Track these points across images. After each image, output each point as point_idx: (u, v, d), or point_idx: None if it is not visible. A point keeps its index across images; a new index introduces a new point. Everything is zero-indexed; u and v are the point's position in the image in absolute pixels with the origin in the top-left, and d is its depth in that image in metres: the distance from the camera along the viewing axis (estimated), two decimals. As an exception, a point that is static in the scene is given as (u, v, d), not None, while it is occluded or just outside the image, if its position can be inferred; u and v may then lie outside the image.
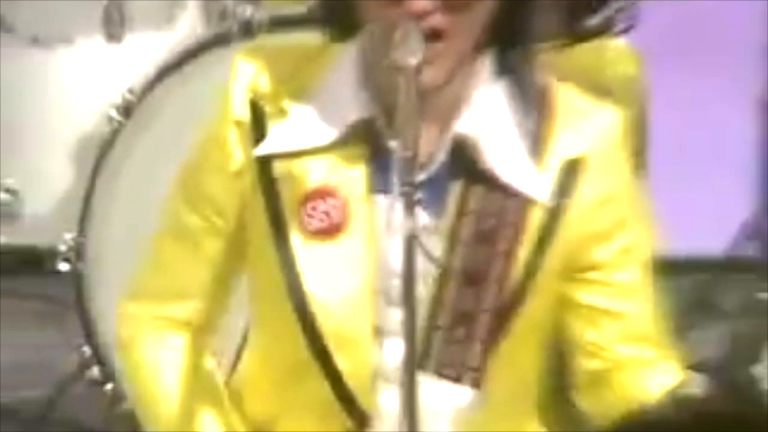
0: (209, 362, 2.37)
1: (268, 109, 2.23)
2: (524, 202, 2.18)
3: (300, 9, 3.57)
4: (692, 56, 5.64)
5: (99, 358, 3.98)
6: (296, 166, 2.21)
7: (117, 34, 4.14)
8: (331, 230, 2.19)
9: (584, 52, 3.48)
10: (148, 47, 4.16)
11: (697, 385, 2.16)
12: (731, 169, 5.66)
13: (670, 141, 4.57)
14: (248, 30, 3.75)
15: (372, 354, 2.21)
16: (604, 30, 3.65)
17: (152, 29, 4.23)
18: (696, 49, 5.67)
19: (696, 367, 2.34)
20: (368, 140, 2.20)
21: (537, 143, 2.19)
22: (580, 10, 3.57)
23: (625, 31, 3.73)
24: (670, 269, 2.37)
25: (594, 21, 3.65)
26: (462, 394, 2.22)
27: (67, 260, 3.95)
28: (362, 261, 2.19)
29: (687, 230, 4.80)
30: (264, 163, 2.22)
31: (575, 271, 2.24)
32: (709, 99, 5.64)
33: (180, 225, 2.32)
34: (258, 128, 2.23)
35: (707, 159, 5.71)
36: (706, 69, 5.63)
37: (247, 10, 3.80)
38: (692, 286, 5.22)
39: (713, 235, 5.39)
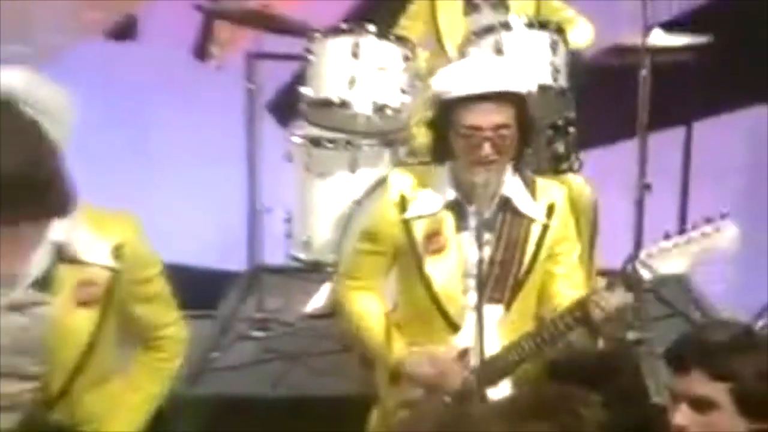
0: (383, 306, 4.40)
1: (407, 195, 4.25)
2: (531, 222, 4.28)
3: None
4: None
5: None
6: (422, 221, 4.24)
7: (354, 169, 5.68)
8: (439, 250, 4.24)
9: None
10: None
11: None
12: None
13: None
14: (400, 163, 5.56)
15: (460, 299, 4.24)
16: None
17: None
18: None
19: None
20: (455, 208, 4.24)
21: (534, 197, 4.29)
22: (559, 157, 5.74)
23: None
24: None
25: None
26: (500, 312, 4.24)
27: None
28: (453, 262, 4.25)
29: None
30: (406, 221, 4.25)
31: (551, 256, 4.33)
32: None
33: (367, 247, 4.38)
34: (403, 205, 4.26)
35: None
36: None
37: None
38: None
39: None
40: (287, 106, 6.17)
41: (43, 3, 7.11)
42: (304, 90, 5.56)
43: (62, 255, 3.39)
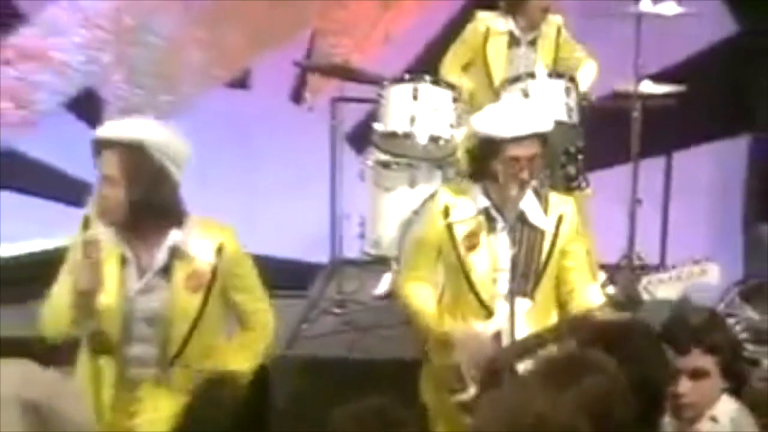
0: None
1: (449, 205, 4.17)
2: (544, 232, 4.18)
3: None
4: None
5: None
6: (461, 225, 4.16)
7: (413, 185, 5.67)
8: (474, 247, 4.14)
9: None
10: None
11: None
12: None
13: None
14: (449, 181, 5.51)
15: (494, 289, 4.15)
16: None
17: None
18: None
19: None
20: (486, 215, 4.15)
21: (546, 210, 4.19)
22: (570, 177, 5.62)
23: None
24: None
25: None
26: (527, 304, 4.13)
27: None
28: (486, 257, 4.14)
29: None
30: (449, 225, 4.16)
31: (564, 253, 4.20)
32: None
33: (420, 246, 4.32)
34: (446, 212, 4.17)
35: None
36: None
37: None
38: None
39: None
40: (362, 138, 6.13)
41: (184, 63, 7.10)
42: (376, 125, 5.61)
43: (177, 253, 3.53)
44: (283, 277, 6.15)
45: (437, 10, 6.88)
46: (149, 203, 3.46)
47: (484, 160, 4.16)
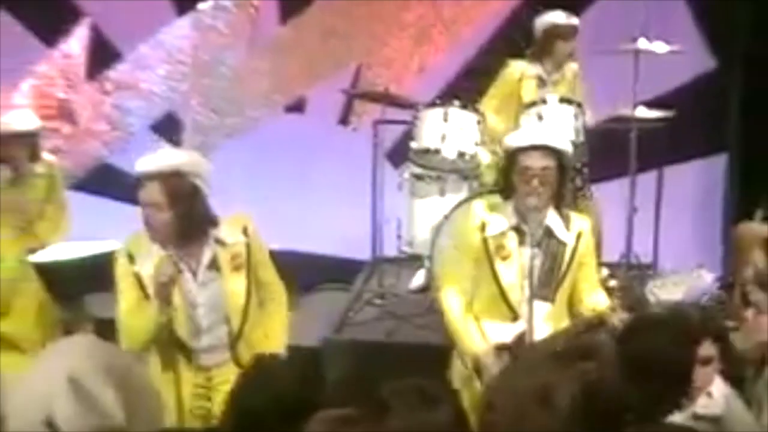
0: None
1: (483, 221, 3.93)
2: (564, 245, 3.95)
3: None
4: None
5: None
6: (495, 238, 3.92)
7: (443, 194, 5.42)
8: (505, 258, 3.90)
9: None
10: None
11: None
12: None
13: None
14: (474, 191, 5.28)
15: (521, 295, 3.90)
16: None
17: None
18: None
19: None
20: (517, 230, 3.91)
21: (567, 227, 3.95)
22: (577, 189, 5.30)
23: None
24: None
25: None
26: (546, 307, 3.92)
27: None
28: (515, 267, 3.91)
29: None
30: (485, 239, 3.92)
31: (580, 265, 3.96)
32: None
33: (457, 257, 4.04)
34: (482, 227, 3.92)
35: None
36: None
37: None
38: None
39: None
40: (399, 155, 5.88)
41: (249, 90, 6.89)
42: (411, 143, 5.39)
43: (218, 244, 3.47)
44: (331, 272, 6.05)
45: (465, 46, 6.64)
46: (190, 218, 3.38)
47: (507, 173, 3.93)
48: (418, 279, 5.59)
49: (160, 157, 3.45)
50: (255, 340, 3.51)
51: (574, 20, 5.58)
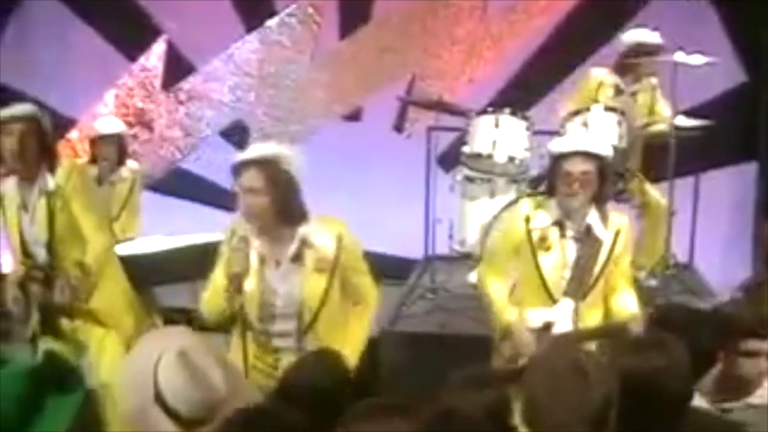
0: None
1: (528, 214, 3.81)
2: (602, 242, 3.78)
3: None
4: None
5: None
6: (539, 230, 3.76)
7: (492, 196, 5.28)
8: (547, 249, 3.76)
9: None
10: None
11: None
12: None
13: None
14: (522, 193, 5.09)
15: (561, 285, 3.78)
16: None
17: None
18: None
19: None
20: (559, 224, 3.78)
21: (606, 225, 3.79)
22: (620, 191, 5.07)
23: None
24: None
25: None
26: (571, 304, 3.76)
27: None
28: (556, 258, 3.77)
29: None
30: (529, 231, 3.78)
31: (614, 263, 3.78)
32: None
33: (502, 246, 3.94)
34: (527, 220, 3.80)
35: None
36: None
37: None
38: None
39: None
40: (449, 160, 5.75)
41: (310, 100, 6.82)
42: (464, 148, 5.25)
43: (306, 243, 3.32)
44: (386, 269, 5.90)
45: (512, 59, 6.52)
46: (285, 206, 3.26)
47: (551, 176, 3.82)
48: (473, 277, 5.45)
49: (261, 147, 3.36)
50: (334, 342, 3.33)
51: (657, 38, 5.40)
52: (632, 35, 5.44)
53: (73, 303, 3.95)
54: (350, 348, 3.34)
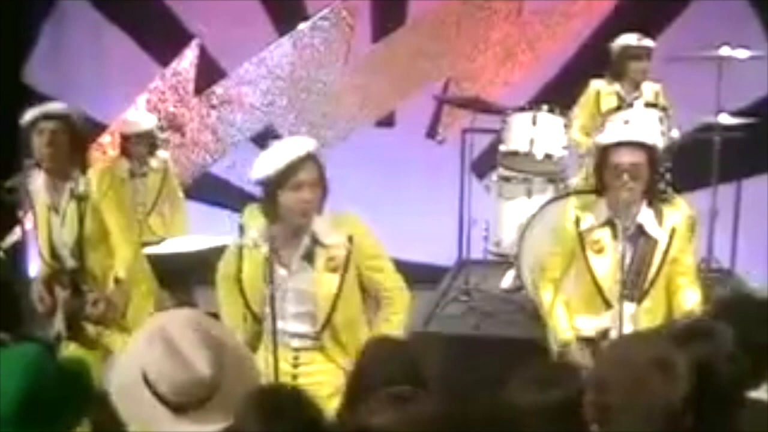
0: None
1: (578, 215, 3.67)
2: (657, 241, 3.60)
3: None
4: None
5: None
6: (589, 232, 3.62)
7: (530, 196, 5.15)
8: (600, 251, 3.61)
9: None
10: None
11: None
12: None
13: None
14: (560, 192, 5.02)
15: (616, 289, 3.55)
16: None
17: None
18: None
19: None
20: (610, 224, 3.62)
21: (660, 222, 3.62)
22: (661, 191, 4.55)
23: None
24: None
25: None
26: (632, 308, 3.58)
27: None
28: (609, 259, 3.60)
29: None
30: (580, 234, 3.64)
31: (674, 261, 3.61)
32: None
33: (556, 250, 3.75)
34: (577, 221, 3.66)
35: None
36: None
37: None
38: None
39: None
40: (483, 166, 5.66)
41: (342, 105, 6.72)
42: (501, 146, 5.10)
43: (317, 242, 3.16)
44: (419, 276, 5.74)
45: (548, 63, 6.39)
46: (325, 198, 3.13)
47: (599, 171, 3.62)
48: (508, 280, 5.33)
49: (304, 141, 3.20)
50: (353, 343, 3.17)
51: (647, 42, 5.34)
52: (620, 40, 5.37)
53: (108, 318, 3.82)
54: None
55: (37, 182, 3.89)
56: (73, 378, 2.23)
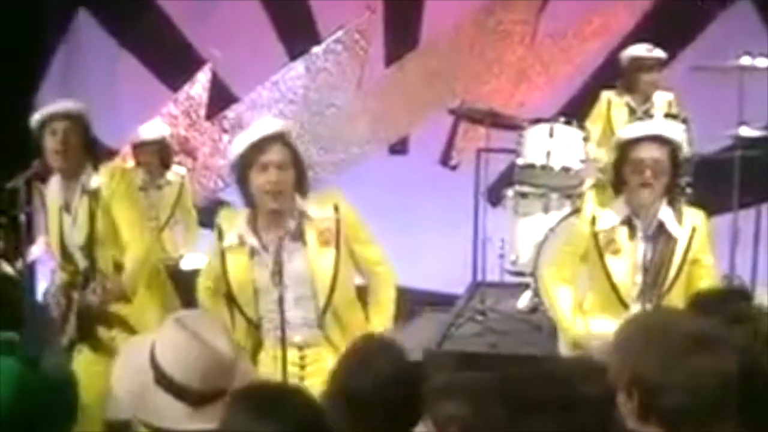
0: None
1: (595, 214, 3.52)
2: (677, 240, 3.46)
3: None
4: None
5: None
6: (606, 232, 3.47)
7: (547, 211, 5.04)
8: (616, 252, 3.45)
9: None
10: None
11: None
12: None
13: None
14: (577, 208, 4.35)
15: (633, 290, 3.45)
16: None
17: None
18: None
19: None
20: (627, 223, 3.46)
21: (680, 222, 3.47)
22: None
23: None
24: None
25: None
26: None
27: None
28: (626, 260, 3.45)
29: None
30: (595, 233, 3.48)
31: (694, 261, 3.47)
32: None
33: (568, 248, 3.62)
34: (593, 221, 3.50)
35: None
36: None
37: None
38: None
39: None
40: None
41: (355, 129, 6.65)
42: (518, 160, 4.98)
43: (305, 218, 3.08)
44: (433, 299, 5.68)
45: (563, 84, 6.31)
46: (304, 179, 3.09)
47: (619, 167, 3.47)
48: (524, 300, 5.16)
49: (273, 121, 3.18)
50: (354, 324, 3.12)
51: (658, 52, 5.24)
52: (630, 50, 5.29)
53: (103, 303, 3.69)
54: (378, 324, 3.13)
55: (51, 183, 3.82)
56: (59, 390, 2.12)
